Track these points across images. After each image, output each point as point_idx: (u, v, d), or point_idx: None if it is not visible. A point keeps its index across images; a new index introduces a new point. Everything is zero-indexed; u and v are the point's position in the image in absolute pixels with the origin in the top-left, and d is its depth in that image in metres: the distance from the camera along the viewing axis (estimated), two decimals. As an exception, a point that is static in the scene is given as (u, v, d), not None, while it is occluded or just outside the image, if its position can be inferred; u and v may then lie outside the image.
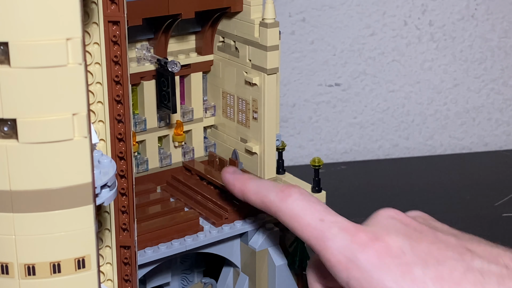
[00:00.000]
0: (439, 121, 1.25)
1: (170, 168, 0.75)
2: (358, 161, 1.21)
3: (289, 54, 1.15)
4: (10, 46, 0.40)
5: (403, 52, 1.20)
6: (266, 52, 0.68)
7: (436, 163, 1.20)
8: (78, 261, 0.45)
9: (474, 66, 1.23)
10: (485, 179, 1.12)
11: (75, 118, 0.42)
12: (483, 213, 1.01)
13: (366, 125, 1.22)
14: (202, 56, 0.74)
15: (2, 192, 0.43)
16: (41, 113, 0.41)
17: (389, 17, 1.17)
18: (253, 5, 0.69)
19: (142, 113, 0.72)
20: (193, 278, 0.74)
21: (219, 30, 0.73)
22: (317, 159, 0.72)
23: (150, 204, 0.69)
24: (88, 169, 0.43)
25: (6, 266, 0.44)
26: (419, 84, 1.22)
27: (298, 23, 1.14)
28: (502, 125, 1.27)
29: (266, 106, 0.70)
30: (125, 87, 0.52)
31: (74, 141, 0.43)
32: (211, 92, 0.76)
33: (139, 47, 0.70)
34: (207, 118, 0.76)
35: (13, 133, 0.42)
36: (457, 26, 1.21)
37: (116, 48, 0.52)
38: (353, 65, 1.18)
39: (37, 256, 0.44)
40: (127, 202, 0.54)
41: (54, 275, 0.44)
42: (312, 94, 1.19)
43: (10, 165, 0.42)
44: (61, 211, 0.43)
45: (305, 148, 1.21)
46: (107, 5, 0.50)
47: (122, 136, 0.53)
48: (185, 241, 0.65)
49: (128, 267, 0.55)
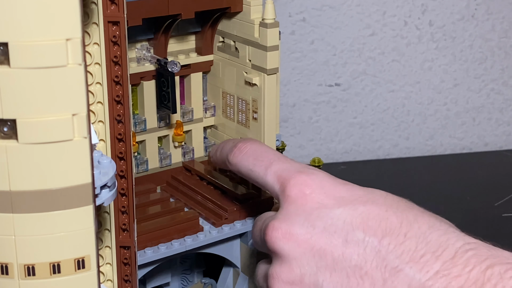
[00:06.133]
0: (439, 121, 1.25)
1: (170, 168, 0.75)
2: (358, 161, 1.21)
3: (289, 54, 1.15)
4: (10, 46, 0.40)
5: (403, 52, 1.20)
6: (266, 52, 0.68)
7: (436, 163, 1.20)
8: (78, 262, 0.45)
9: (474, 66, 1.23)
10: (485, 179, 1.12)
11: (75, 119, 0.42)
12: (483, 213, 1.01)
13: (366, 125, 1.22)
14: (202, 56, 0.74)
15: (2, 192, 0.43)
16: (41, 113, 0.41)
17: (389, 17, 1.17)
18: (253, 5, 0.69)
19: (142, 113, 0.72)
20: (193, 278, 0.74)
21: (219, 30, 0.73)
22: (317, 159, 0.72)
23: (150, 204, 0.69)
24: (88, 170, 0.43)
25: (5, 266, 0.44)
26: (419, 84, 1.22)
27: (298, 23, 1.14)
28: (502, 125, 1.27)
29: (266, 106, 0.70)
30: (125, 88, 0.52)
31: (74, 141, 0.43)
32: (211, 92, 0.76)
33: (139, 47, 0.70)
34: (207, 118, 0.76)
35: (13, 133, 0.42)
36: (457, 26, 1.21)
37: (116, 48, 0.52)
38: (353, 65, 1.18)
39: (36, 257, 0.44)
40: (127, 202, 0.54)
41: (53, 275, 0.44)
42: (312, 94, 1.19)
43: (10, 165, 0.42)
44: (61, 212, 0.43)
45: (305, 148, 1.21)
46: (107, 6, 0.50)
47: (122, 137, 0.53)
48: (185, 241, 0.65)
49: (128, 267, 0.55)
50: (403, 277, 0.48)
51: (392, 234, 0.50)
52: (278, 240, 0.53)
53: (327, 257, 0.51)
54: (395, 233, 0.50)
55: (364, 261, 0.49)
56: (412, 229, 0.50)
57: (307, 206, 0.54)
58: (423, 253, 0.48)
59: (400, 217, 0.51)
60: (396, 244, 0.49)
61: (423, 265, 0.48)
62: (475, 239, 0.49)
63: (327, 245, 0.51)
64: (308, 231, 0.52)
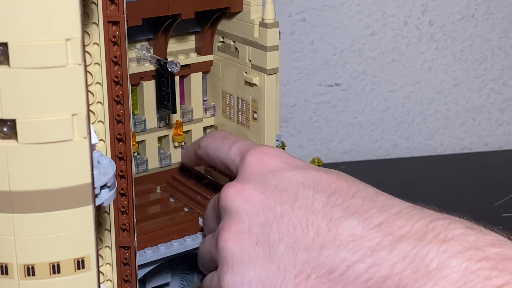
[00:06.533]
0: (439, 121, 1.25)
1: (170, 168, 0.75)
2: (358, 161, 1.21)
3: (289, 54, 1.15)
4: (10, 46, 0.40)
5: (403, 52, 1.20)
6: (266, 52, 0.68)
7: (436, 163, 1.20)
8: (77, 262, 0.45)
9: (474, 66, 1.23)
10: (485, 179, 1.12)
11: (74, 119, 0.42)
12: (483, 213, 1.01)
13: (366, 125, 1.22)
14: (202, 56, 0.74)
15: (2, 192, 0.43)
16: (41, 113, 0.41)
17: (389, 17, 1.17)
18: (253, 5, 0.69)
19: (142, 113, 0.72)
20: (193, 278, 0.74)
21: (219, 30, 0.73)
22: (317, 159, 0.72)
23: (150, 204, 0.69)
24: (87, 170, 0.43)
25: (5, 266, 0.44)
26: (419, 84, 1.22)
27: (298, 23, 1.14)
28: (502, 125, 1.27)
29: (266, 106, 0.70)
30: (124, 88, 0.52)
31: (74, 141, 0.43)
32: (211, 92, 0.76)
33: (139, 47, 0.70)
34: (207, 118, 0.76)
35: (13, 133, 0.42)
36: (457, 26, 1.21)
37: (115, 48, 0.52)
38: (353, 65, 1.18)
39: (36, 257, 0.44)
40: (126, 202, 0.54)
41: (53, 275, 0.44)
42: (312, 94, 1.19)
43: (10, 165, 0.42)
44: (60, 212, 0.43)
45: (305, 148, 1.21)
46: (107, 6, 0.50)
47: (121, 137, 0.53)
48: (185, 241, 0.65)
49: (127, 268, 0.55)
50: (346, 226, 0.49)
51: (340, 193, 0.52)
52: (232, 196, 0.55)
53: (276, 210, 0.53)
54: (343, 193, 0.52)
55: (312, 212, 0.51)
56: (360, 192, 0.52)
57: (263, 169, 0.57)
58: (369, 208, 0.50)
59: (350, 184, 0.53)
60: (344, 200, 0.51)
61: (367, 217, 0.49)
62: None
63: (277, 199, 0.53)
64: (260, 188, 0.55)
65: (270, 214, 0.53)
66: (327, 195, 0.52)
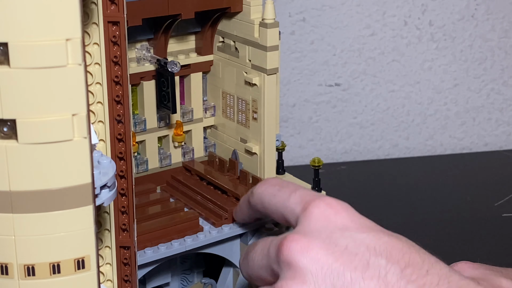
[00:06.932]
0: (439, 121, 1.25)
1: (170, 168, 0.75)
2: (358, 161, 1.21)
3: (289, 54, 1.15)
4: (10, 46, 0.40)
5: (403, 52, 1.20)
6: (266, 52, 0.68)
7: (436, 163, 1.20)
8: (77, 262, 0.45)
9: (474, 66, 1.23)
10: (485, 179, 1.12)
11: (74, 119, 0.42)
12: (483, 213, 1.01)
13: (366, 125, 1.22)
14: (202, 56, 0.74)
15: (2, 192, 0.43)
16: (41, 113, 0.41)
17: (389, 17, 1.17)
18: (253, 5, 0.69)
19: (142, 113, 0.72)
20: (193, 278, 0.74)
21: (219, 30, 0.73)
22: (317, 159, 0.72)
23: (150, 204, 0.69)
24: (87, 170, 0.43)
25: (5, 266, 0.44)
26: (419, 84, 1.22)
27: (298, 23, 1.14)
28: (502, 125, 1.27)
29: (266, 106, 0.70)
30: (124, 88, 0.52)
31: (74, 141, 0.43)
32: (211, 92, 0.76)
33: (139, 47, 0.70)
34: (207, 118, 0.76)
35: (13, 133, 0.42)
36: (457, 26, 1.21)
37: (115, 48, 0.52)
38: (353, 65, 1.18)
39: (36, 257, 0.44)
40: (126, 202, 0.54)
41: (53, 275, 0.44)
42: (312, 94, 1.19)
43: (10, 165, 0.42)
44: (60, 212, 0.43)
45: (305, 148, 1.21)
46: (107, 6, 0.50)
47: (121, 137, 0.53)
48: (185, 242, 0.65)
49: (127, 268, 0.55)
50: None
51: (415, 267, 0.49)
52: (296, 252, 0.50)
53: (346, 276, 0.49)
54: (418, 267, 0.49)
55: (384, 285, 0.48)
56: (434, 268, 0.49)
57: (330, 225, 0.52)
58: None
59: (423, 257, 0.50)
60: (419, 275, 0.48)
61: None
62: None
63: (347, 264, 0.49)
64: (329, 248, 0.50)
65: (338, 282, 0.49)
66: (401, 268, 0.48)
